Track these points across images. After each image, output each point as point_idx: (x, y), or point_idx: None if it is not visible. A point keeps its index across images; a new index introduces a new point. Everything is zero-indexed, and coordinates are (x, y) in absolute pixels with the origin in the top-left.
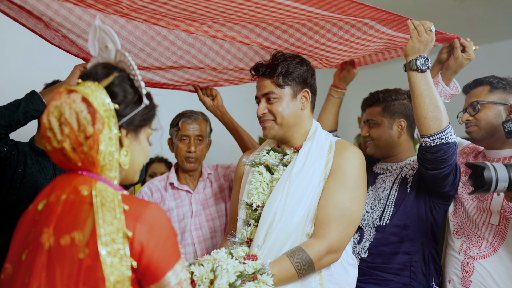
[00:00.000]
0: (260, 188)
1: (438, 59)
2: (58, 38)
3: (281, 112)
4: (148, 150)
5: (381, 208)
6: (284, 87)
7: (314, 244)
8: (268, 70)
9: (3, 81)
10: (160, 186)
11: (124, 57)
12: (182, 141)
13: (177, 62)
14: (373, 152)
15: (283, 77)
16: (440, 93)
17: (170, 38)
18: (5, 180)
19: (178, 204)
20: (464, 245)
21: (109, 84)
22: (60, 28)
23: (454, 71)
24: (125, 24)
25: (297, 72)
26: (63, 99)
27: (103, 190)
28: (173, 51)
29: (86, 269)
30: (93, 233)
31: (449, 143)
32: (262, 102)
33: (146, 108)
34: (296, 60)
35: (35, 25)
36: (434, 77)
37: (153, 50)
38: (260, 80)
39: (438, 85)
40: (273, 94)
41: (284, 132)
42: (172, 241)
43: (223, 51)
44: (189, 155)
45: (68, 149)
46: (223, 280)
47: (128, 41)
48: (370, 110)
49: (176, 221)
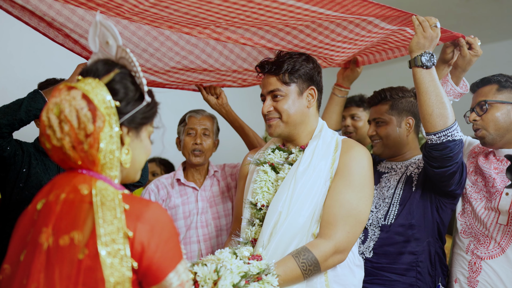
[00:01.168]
0: (265, 187)
1: (441, 59)
2: (62, 37)
3: (287, 110)
4: (149, 148)
5: (386, 207)
6: (290, 84)
7: (320, 244)
8: (274, 67)
9: (6, 80)
10: (167, 183)
11: (126, 53)
12: (188, 135)
13: (180, 62)
14: (380, 151)
15: (289, 75)
16: (449, 92)
17: (173, 38)
18: (9, 180)
19: (184, 201)
20: (471, 245)
21: (110, 81)
22: (62, 28)
23: (464, 69)
24: (127, 24)
25: (303, 69)
26: (63, 96)
27: (103, 189)
28: (176, 51)
29: (86, 270)
30: (92, 233)
31: (455, 140)
32: (268, 99)
33: (148, 106)
34: (302, 58)
35: (38, 24)
36: (443, 77)
37: (156, 50)
38: (266, 77)
39: (448, 84)
40: (279, 92)
41: (290, 130)
42: (174, 241)
43: (226, 51)
44: (195, 147)
45: (68, 147)
46: (227, 280)
47: (131, 41)
48: (377, 108)
49: (182, 218)
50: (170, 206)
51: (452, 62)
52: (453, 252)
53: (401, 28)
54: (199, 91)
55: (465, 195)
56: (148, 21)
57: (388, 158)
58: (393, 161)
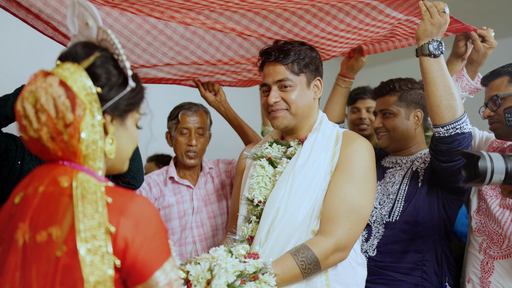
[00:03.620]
0: (262, 183)
1: (454, 53)
2: (51, 30)
3: (296, 101)
4: (136, 137)
5: (391, 203)
6: (299, 74)
7: (320, 241)
8: (282, 55)
9: (3, 75)
10: (159, 181)
11: (107, 35)
12: (182, 135)
13: (175, 58)
14: (386, 144)
15: (297, 64)
16: (465, 87)
17: (167, 33)
18: (2, 175)
19: (178, 200)
20: (484, 244)
21: (90, 65)
22: (50, 20)
23: (479, 63)
24: (118, 17)
25: (309, 59)
26: (39, 83)
27: (85, 181)
28: (170, 46)
29: (64, 268)
30: (72, 228)
31: (464, 133)
32: (274, 89)
33: (133, 91)
34: (306, 46)
35: (26, 15)
36: (458, 72)
37: (148, 45)
38: (272, 65)
39: (463, 79)
40: (288, 81)
41: (297, 122)
42: (161, 237)
43: (223, 47)
44: (189, 148)
45: (46, 138)
46: (221, 280)
47: (122, 35)
48: (384, 99)
49: (177, 218)
50: (163, 205)
51: (466, 56)
52: (467, 251)
53: (408, 19)
54: (197, 87)
55: (480, 192)
56: (139, 6)
57: (393, 152)
58: (398, 156)
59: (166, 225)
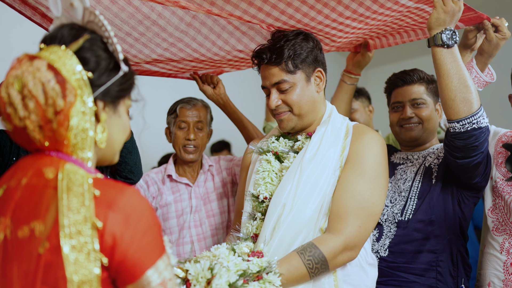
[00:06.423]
0: (267, 178)
1: (463, 44)
2: (40, 16)
3: (297, 102)
4: (128, 125)
5: (403, 201)
6: (295, 72)
7: (328, 239)
8: (274, 56)
9: None
10: (157, 179)
11: (94, 16)
12: (180, 129)
13: (168, 49)
14: (419, 135)
15: (292, 61)
16: (474, 80)
17: (160, 23)
18: None
19: (176, 198)
20: (506, 243)
21: (79, 48)
22: (38, 6)
23: (490, 54)
24: (109, 5)
25: (305, 51)
26: (25, 67)
27: (72, 173)
28: (164, 37)
29: (46, 266)
30: (55, 223)
31: (481, 128)
32: (273, 92)
33: (125, 76)
34: (300, 38)
35: (13, 0)
36: (467, 63)
37: (141, 35)
38: (266, 68)
39: (472, 71)
40: (285, 83)
41: (304, 121)
42: (154, 233)
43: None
44: (188, 143)
45: (32, 127)
46: (222, 279)
47: (113, 24)
48: (414, 88)
49: (174, 217)
50: (161, 204)
51: (475, 47)
52: (485, 252)
53: (418, 7)
54: (194, 80)
55: (495, 188)
56: None
57: (414, 147)
58: (409, 151)
59: (163, 225)
